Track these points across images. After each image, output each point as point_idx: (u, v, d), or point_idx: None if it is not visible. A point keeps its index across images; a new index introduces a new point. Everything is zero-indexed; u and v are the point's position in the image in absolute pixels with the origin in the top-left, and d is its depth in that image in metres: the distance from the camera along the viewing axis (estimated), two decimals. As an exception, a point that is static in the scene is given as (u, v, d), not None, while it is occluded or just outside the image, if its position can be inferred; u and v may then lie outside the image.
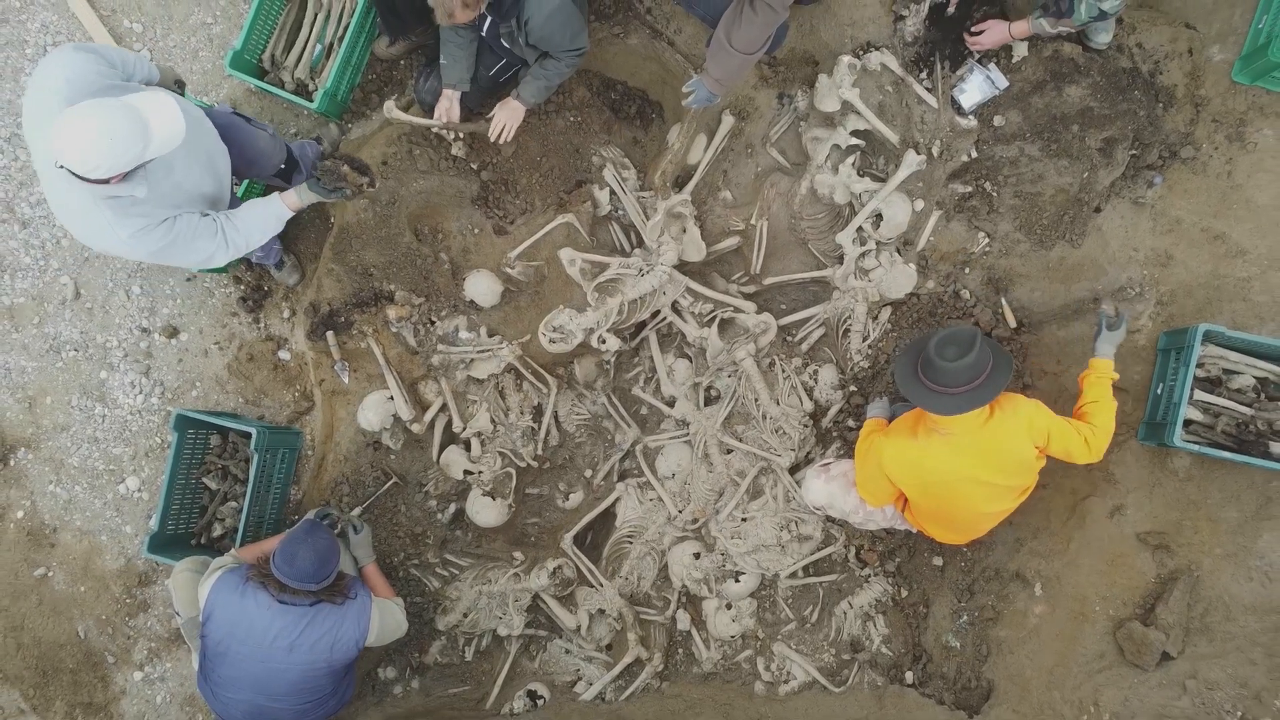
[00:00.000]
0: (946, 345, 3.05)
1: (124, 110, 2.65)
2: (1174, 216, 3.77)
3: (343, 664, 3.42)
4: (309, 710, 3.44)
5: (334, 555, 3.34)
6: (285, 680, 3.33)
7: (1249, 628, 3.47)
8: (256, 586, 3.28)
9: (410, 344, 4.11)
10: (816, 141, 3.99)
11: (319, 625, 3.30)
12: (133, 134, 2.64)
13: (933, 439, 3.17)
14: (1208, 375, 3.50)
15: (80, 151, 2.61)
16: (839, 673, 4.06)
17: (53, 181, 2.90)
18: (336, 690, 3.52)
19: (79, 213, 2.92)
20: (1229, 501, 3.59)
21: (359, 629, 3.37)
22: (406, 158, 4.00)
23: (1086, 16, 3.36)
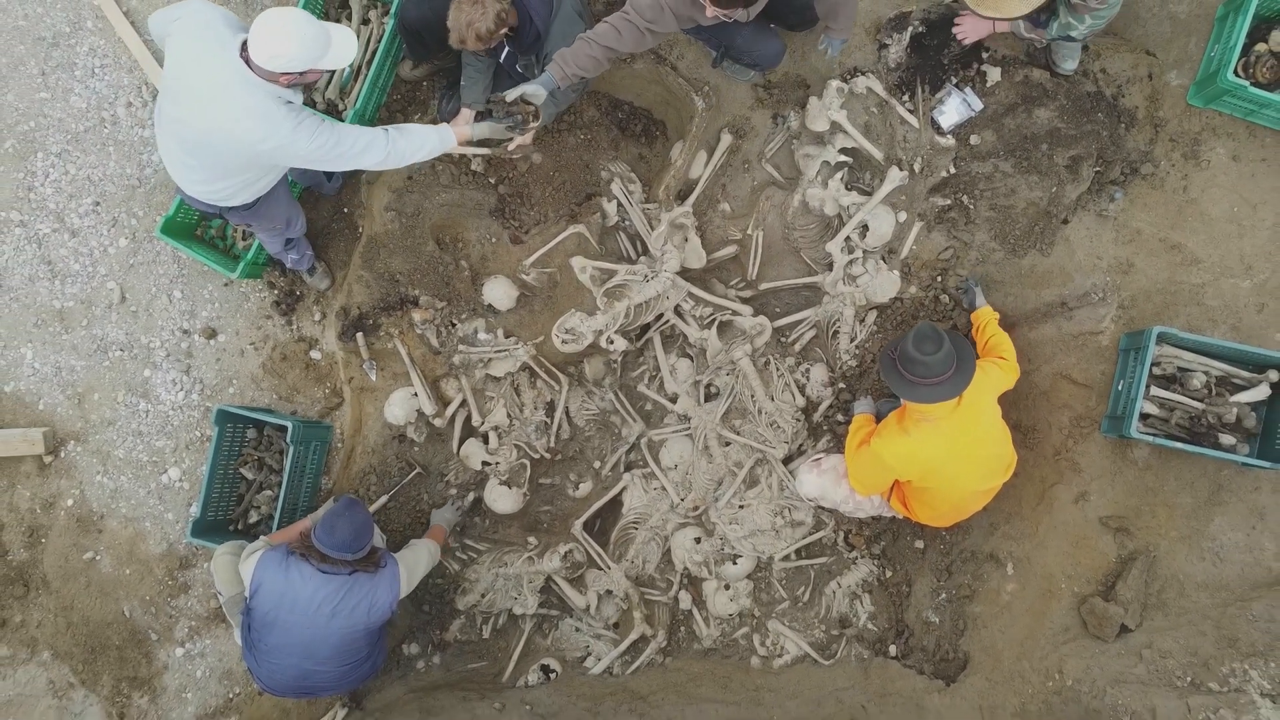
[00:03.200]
0: (923, 342, 3.26)
1: (314, 22, 3.08)
2: (1135, 228, 3.94)
3: (379, 625, 3.60)
4: (348, 672, 3.64)
5: (369, 529, 3.52)
6: (329, 644, 3.51)
7: (1200, 603, 3.68)
8: (299, 560, 3.47)
9: (433, 344, 4.26)
10: (808, 158, 4.12)
11: (356, 592, 3.48)
12: (317, 41, 3.05)
13: (922, 428, 3.38)
14: (1164, 373, 3.73)
15: (272, 40, 2.98)
16: (828, 647, 4.22)
17: (222, 89, 3.11)
18: (372, 654, 3.70)
19: (249, 110, 3.11)
20: (1184, 489, 3.80)
21: (391, 592, 3.56)
22: (430, 173, 4.18)
23: (1057, 33, 3.58)
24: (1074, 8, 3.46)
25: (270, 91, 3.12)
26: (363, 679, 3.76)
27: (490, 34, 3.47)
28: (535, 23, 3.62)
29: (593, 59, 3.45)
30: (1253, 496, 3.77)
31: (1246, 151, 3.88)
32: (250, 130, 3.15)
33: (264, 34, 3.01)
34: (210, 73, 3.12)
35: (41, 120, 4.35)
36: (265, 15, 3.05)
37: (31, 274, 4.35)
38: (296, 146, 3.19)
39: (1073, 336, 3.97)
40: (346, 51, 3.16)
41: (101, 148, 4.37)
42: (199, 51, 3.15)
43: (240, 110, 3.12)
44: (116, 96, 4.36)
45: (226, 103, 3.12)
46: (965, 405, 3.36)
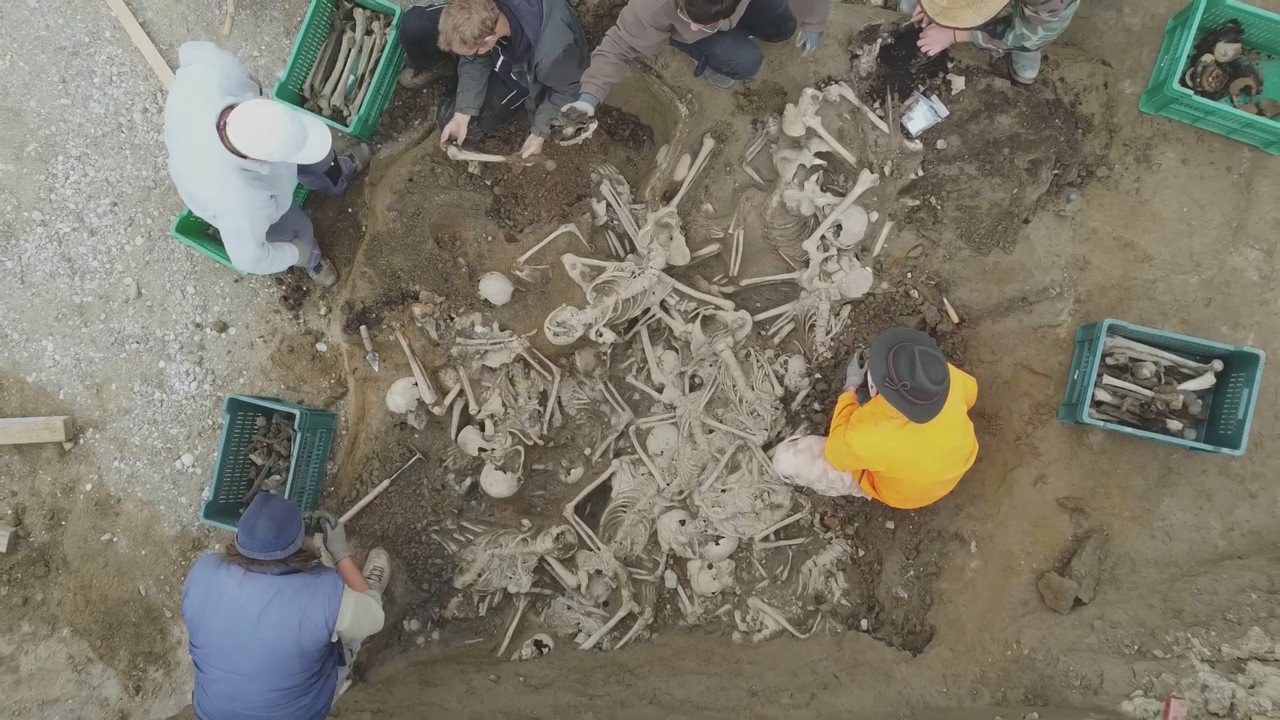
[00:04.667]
0: (930, 367, 3.25)
1: (295, 121, 3.26)
2: (1091, 227, 4.09)
3: (313, 648, 3.22)
4: (280, 702, 3.25)
5: (292, 521, 3.21)
6: (254, 656, 3.17)
7: (1150, 578, 3.85)
8: (229, 564, 3.21)
9: (433, 337, 4.39)
10: (785, 161, 4.27)
11: (286, 598, 3.16)
12: (295, 139, 3.22)
13: (893, 424, 3.47)
14: (1117, 363, 3.92)
15: (252, 134, 3.17)
16: (805, 622, 4.35)
17: (194, 146, 3.32)
18: (310, 687, 3.31)
19: (213, 173, 3.34)
20: (1135, 472, 3.96)
21: (329, 608, 3.20)
22: (429, 175, 4.32)
23: (1012, 44, 3.78)
24: (1028, 20, 3.64)
25: (232, 163, 3.32)
26: (300, 715, 3.31)
27: (475, 39, 3.63)
28: (526, 33, 3.82)
29: (612, 65, 3.72)
30: (1200, 479, 3.94)
31: (1195, 155, 4.05)
32: (204, 188, 3.42)
33: (247, 129, 3.18)
34: (190, 127, 3.34)
35: (62, 125, 4.53)
36: (252, 110, 3.19)
37: (52, 271, 4.53)
38: (228, 220, 3.48)
39: (1033, 329, 4.13)
40: (320, 149, 3.35)
41: (119, 151, 4.54)
42: (185, 105, 3.36)
43: (205, 169, 3.37)
44: (133, 103, 4.53)
45: (197, 159, 3.38)
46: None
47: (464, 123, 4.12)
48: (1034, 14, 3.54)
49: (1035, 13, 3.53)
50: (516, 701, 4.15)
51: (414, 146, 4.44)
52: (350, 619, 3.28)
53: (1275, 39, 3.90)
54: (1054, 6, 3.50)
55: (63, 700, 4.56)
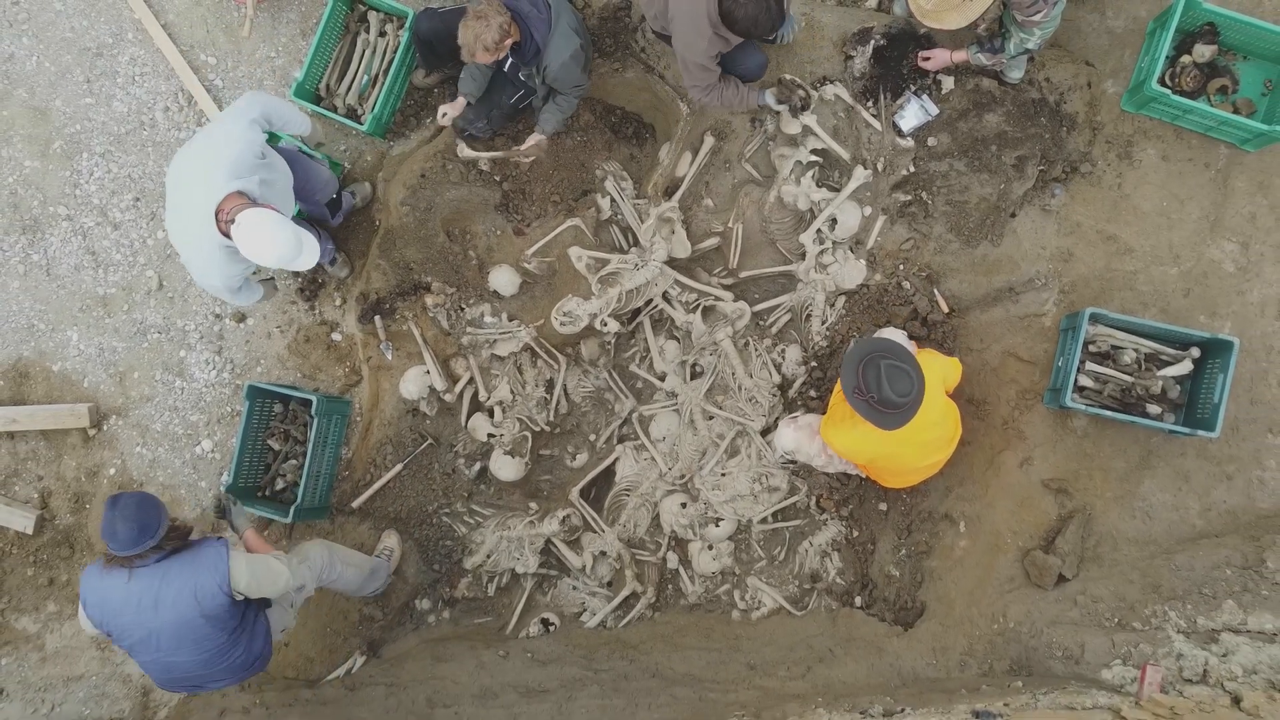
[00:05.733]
0: (897, 381, 3.33)
1: (295, 238, 3.41)
2: (1075, 221, 4.22)
3: (220, 612, 3.34)
4: (211, 661, 3.43)
5: (148, 511, 3.26)
6: (167, 636, 3.31)
7: (1130, 555, 3.99)
8: (111, 569, 3.31)
9: (444, 327, 4.54)
10: (782, 158, 4.40)
11: (174, 579, 3.27)
12: (289, 255, 3.41)
13: (867, 425, 3.50)
14: (1099, 350, 4.07)
15: (251, 244, 3.33)
16: (801, 600, 4.49)
17: (191, 215, 3.45)
18: (236, 641, 3.47)
19: (197, 242, 3.49)
20: (1117, 454, 4.09)
21: (218, 575, 3.30)
22: (441, 172, 4.48)
23: (1015, 51, 3.86)
24: (1021, 25, 3.73)
25: (219, 241, 3.43)
26: (244, 669, 3.55)
27: (496, 44, 3.80)
28: (535, 38, 3.99)
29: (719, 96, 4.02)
30: (1179, 461, 4.09)
31: (1174, 152, 4.20)
32: (186, 247, 3.57)
33: (251, 240, 3.30)
34: (188, 197, 3.45)
35: (86, 124, 4.68)
36: (260, 225, 3.30)
37: (77, 263, 4.69)
38: (201, 281, 3.68)
39: (1019, 318, 4.27)
40: (308, 263, 3.50)
41: (141, 149, 4.69)
42: (194, 169, 3.46)
43: (192, 236, 3.50)
44: (155, 102, 4.69)
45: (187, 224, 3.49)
46: None
47: (461, 105, 4.24)
48: (1025, 19, 3.64)
49: (1026, 18, 3.62)
50: (524, 676, 4.30)
51: (426, 144, 4.58)
52: (247, 578, 3.40)
53: (1250, 41, 4.07)
54: (1039, 8, 3.58)
55: (87, 677, 4.71)
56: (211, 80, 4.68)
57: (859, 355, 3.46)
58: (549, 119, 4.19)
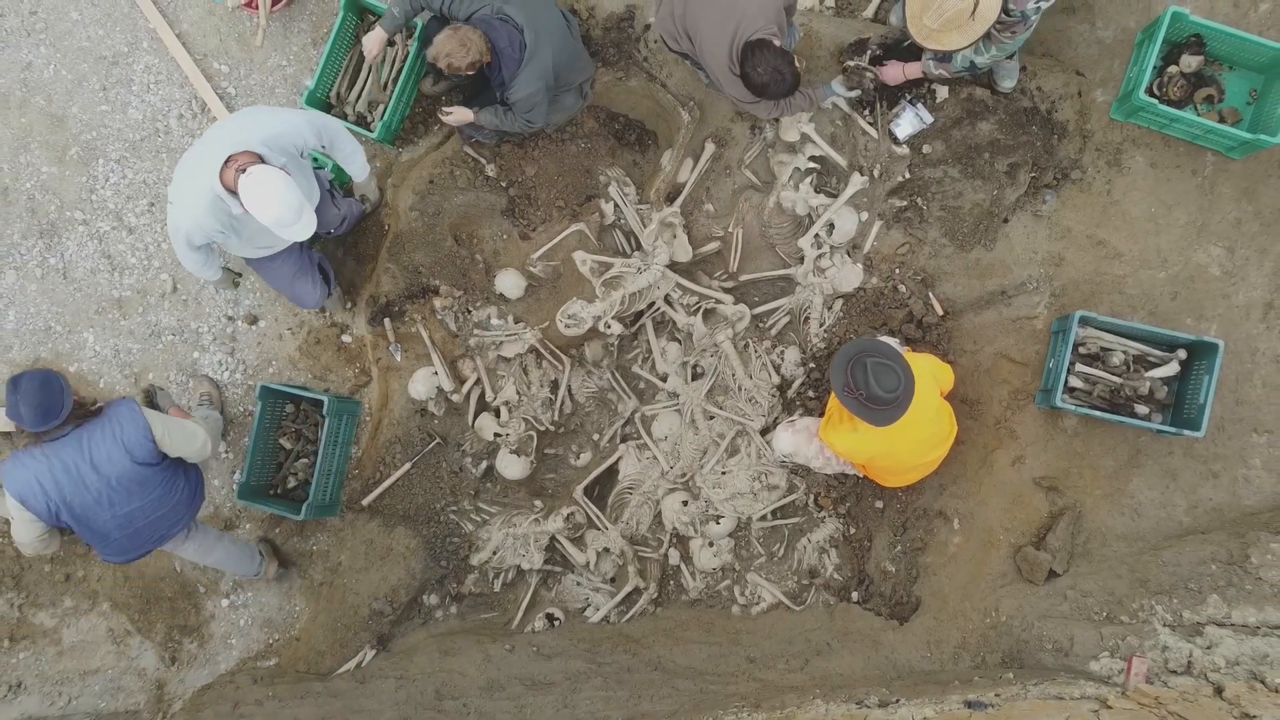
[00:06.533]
0: (884, 377, 3.42)
1: (298, 203, 3.45)
2: (1065, 226, 4.31)
3: (150, 458, 3.57)
4: (163, 499, 3.70)
5: (52, 390, 3.40)
6: (116, 490, 3.54)
7: (1119, 551, 4.09)
8: (30, 450, 3.47)
9: (451, 329, 4.63)
10: (781, 165, 4.50)
11: (98, 441, 3.48)
12: (288, 217, 3.45)
13: (865, 424, 3.60)
14: (1089, 352, 4.17)
15: (255, 193, 3.36)
16: (799, 595, 4.59)
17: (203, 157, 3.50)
18: (176, 474, 3.73)
19: (194, 182, 3.51)
20: (1106, 453, 4.19)
21: (137, 426, 3.53)
22: (449, 177, 4.57)
23: (960, 66, 3.96)
24: (987, 35, 3.73)
25: (212, 187, 3.47)
26: (191, 501, 3.83)
27: (458, 70, 3.96)
28: (503, 72, 4.08)
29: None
30: (1166, 460, 4.19)
31: (1162, 159, 4.29)
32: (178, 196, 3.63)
33: (256, 189, 3.37)
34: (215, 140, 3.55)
35: (102, 130, 4.78)
36: (266, 176, 3.37)
37: (93, 267, 4.79)
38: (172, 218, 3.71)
39: (1011, 321, 4.36)
40: (301, 234, 3.56)
41: (156, 155, 4.79)
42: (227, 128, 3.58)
43: (187, 189, 3.58)
44: (169, 109, 4.79)
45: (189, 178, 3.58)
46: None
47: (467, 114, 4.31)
48: (995, 32, 3.71)
49: (997, 31, 3.70)
50: (530, 669, 4.40)
51: (434, 150, 4.68)
52: (161, 428, 3.63)
53: (1235, 52, 4.18)
54: (1015, 31, 3.69)
55: (103, 670, 4.82)
56: (224, 88, 4.78)
57: (847, 356, 3.55)
58: (487, 116, 4.25)
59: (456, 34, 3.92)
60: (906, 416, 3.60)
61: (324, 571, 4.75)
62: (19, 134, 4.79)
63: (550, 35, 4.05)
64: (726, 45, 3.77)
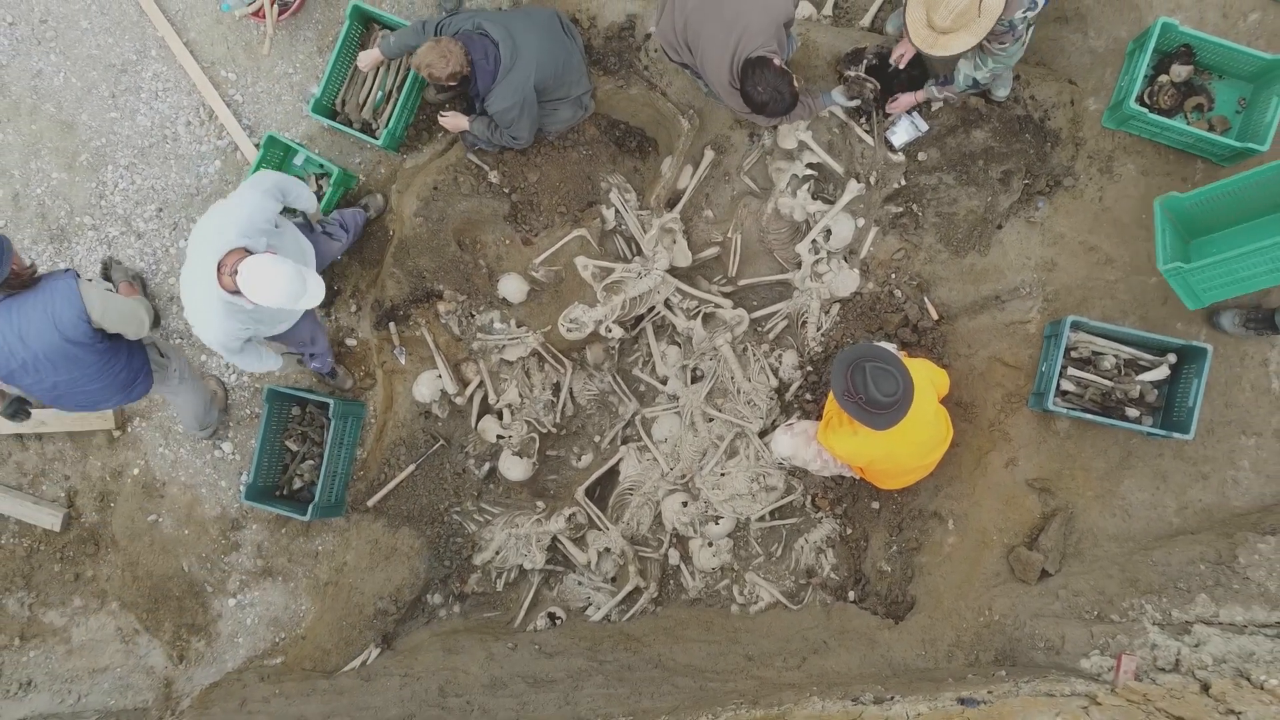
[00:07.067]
0: (882, 382, 3.47)
1: (299, 279, 3.48)
2: (1058, 232, 4.37)
3: (84, 338, 3.55)
4: (96, 376, 3.70)
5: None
6: (43, 362, 3.55)
7: (1110, 551, 4.17)
8: None
9: (455, 332, 4.69)
10: (779, 171, 4.56)
11: (29, 314, 3.47)
12: (291, 294, 3.47)
13: (865, 428, 3.64)
14: (1081, 356, 4.23)
15: (255, 285, 3.40)
16: (797, 594, 4.66)
17: (196, 269, 3.58)
18: (115, 357, 3.73)
19: (200, 296, 3.61)
20: (1098, 455, 4.26)
21: (73, 306, 3.48)
22: (453, 184, 4.62)
23: (964, 85, 4.02)
24: (982, 49, 3.81)
25: (219, 295, 3.53)
26: (129, 384, 3.85)
27: (439, 80, 4.07)
28: (479, 85, 4.19)
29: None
30: (1157, 462, 4.26)
31: (1153, 167, 4.36)
32: (194, 314, 3.69)
33: (252, 280, 3.40)
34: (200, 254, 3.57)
35: (112, 137, 4.85)
36: (256, 265, 3.40)
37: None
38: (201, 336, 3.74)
39: (1005, 325, 4.43)
40: (314, 300, 3.56)
41: (164, 161, 4.86)
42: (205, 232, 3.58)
43: (200, 307, 3.62)
44: (177, 116, 4.86)
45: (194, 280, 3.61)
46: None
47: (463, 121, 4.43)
48: (987, 43, 3.76)
49: (988, 42, 3.75)
50: (532, 667, 4.48)
51: (438, 157, 4.74)
52: (100, 308, 3.58)
53: (1224, 61, 4.25)
54: (1005, 42, 3.73)
55: (112, 669, 4.92)
56: (232, 95, 4.85)
57: (846, 360, 3.60)
58: (479, 126, 4.36)
59: (438, 46, 4.05)
60: (906, 420, 3.65)
61: (330, 571, 4.83)
62: (30, 140, 4.87)
63: (531, 52, 4.15)
64: (727, 60, 3.84)
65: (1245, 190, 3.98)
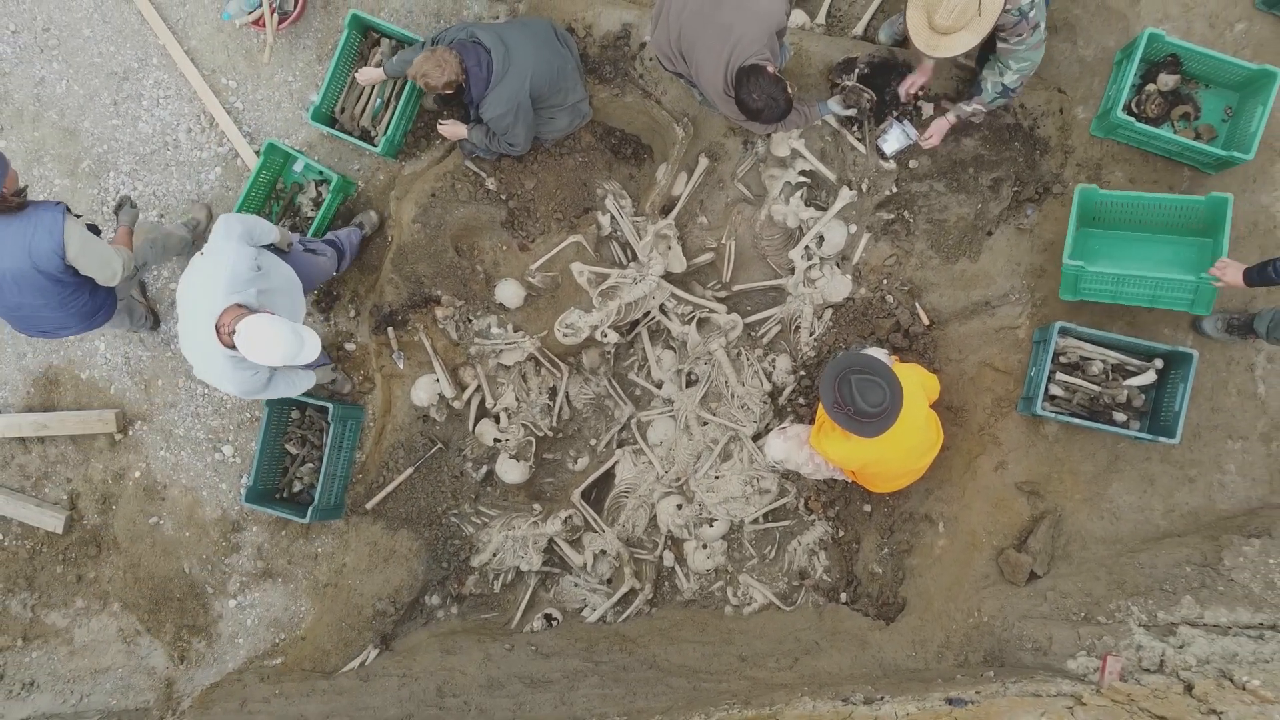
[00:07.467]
0: (869, 393, 3.55)
1: (294, 336, 3.51)
2: (1047, 239, 4.42)
3: (52, 271, 3.62)
4: (59, 305, 3.78)
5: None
6: (8, 282, 3.63)
7: (1098, 554, 4.22)
8: None
9: (453, 337, 4.74)
10: (773, 179, 4.60)
11: (9, 236, 3.56)
12: (289, 354, 3.50)
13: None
14: (1069, 361, 4.28)
15: (254, 348, 3.44)
16: (790, 596, 4.72)
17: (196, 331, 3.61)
18: (79, 290, 3.79)
19: (205, 355, 3.63)
20: (1086, 459, 4.31)
21: (52, 240, 3.57)
22: (450, 191, 4.68)
23: (993, 95, 3.98)
24: (999, 54, 3.82)
25: (223, 353, 3.56)
26: (91, 315, 3.91)
27: (435, 88, 4.13)
28: (472, 92, 4.25)
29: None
30: (1144, 465, 4.32)
31: (1141, 175, 4.41)
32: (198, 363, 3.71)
33: (251, 343, 3.43)
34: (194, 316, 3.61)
35: (114, 144, 4.90)
36: (260, 328, 3.42)
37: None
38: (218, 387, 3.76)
39: (995, 330, 4.49)
40: (311, 355, 3.59)
41: (165, 168, 4.91)
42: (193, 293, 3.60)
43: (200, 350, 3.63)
44: (178, 123, 4.91)
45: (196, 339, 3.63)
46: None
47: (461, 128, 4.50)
48: (1004, 43, 3.76)
49: (1005, 40, 3.74)
50: (529, 667, 4.53)
51: (436, 164, 4.79)
52: (78, 248, 3.65)
53: (1211, 70, 4.31)
54: (1021, 34, 3.69)
55: (113, 669, 4.97)
56: (232, 103, 4.90)
57: (834, 373, 3.68)
58: (476, 134, 4.43)
59: (434, 55, 4.12)
60: (897, 426, 3.72)
61: (329, 573, 4.88)
62: (33, 147, 4.92)
63: (525, 59, 4.21)
64: (721, 69, 3.90)
65: (1156, 206, 4.18)
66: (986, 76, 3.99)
